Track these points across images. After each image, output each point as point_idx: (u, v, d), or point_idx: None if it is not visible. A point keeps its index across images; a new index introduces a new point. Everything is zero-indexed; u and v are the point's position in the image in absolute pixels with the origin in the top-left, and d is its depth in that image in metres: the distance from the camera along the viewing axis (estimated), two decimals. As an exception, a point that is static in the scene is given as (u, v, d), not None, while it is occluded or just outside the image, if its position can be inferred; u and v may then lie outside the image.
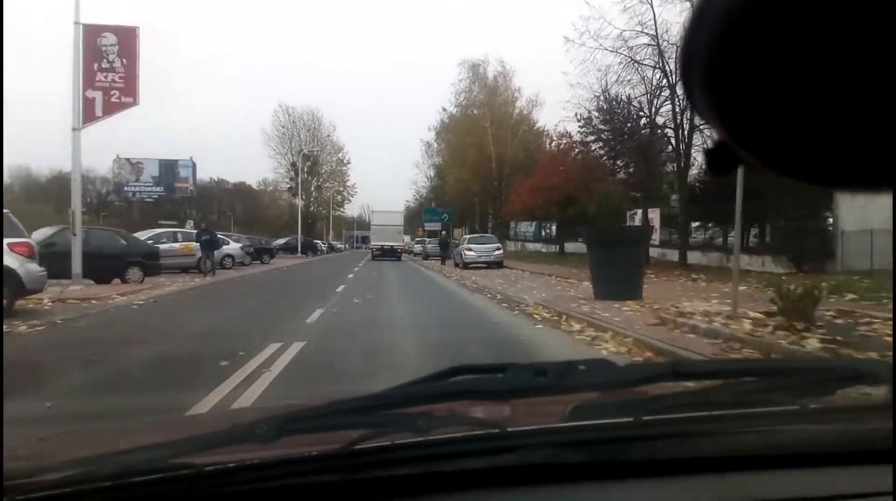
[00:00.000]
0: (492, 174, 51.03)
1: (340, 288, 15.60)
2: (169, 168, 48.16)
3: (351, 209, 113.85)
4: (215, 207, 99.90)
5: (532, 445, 0.94)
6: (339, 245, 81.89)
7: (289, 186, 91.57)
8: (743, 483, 0.93)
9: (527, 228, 47.33)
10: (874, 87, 0.35)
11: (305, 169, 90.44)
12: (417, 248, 51.81)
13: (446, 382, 1.01)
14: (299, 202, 54.25)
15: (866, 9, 0.34)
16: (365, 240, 72.15)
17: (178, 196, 49.36)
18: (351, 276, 21.26)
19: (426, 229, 58.08)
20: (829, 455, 0.97)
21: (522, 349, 6.94)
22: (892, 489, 0.78)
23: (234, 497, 0.88)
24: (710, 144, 0.47)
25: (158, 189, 47.84)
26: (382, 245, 39.99)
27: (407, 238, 67.80)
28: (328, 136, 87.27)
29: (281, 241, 50.85)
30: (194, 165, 48.89)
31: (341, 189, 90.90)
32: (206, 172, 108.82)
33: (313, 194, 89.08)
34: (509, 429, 1.00)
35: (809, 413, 1.04)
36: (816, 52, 0.35)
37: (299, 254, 46.90)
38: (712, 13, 0.37)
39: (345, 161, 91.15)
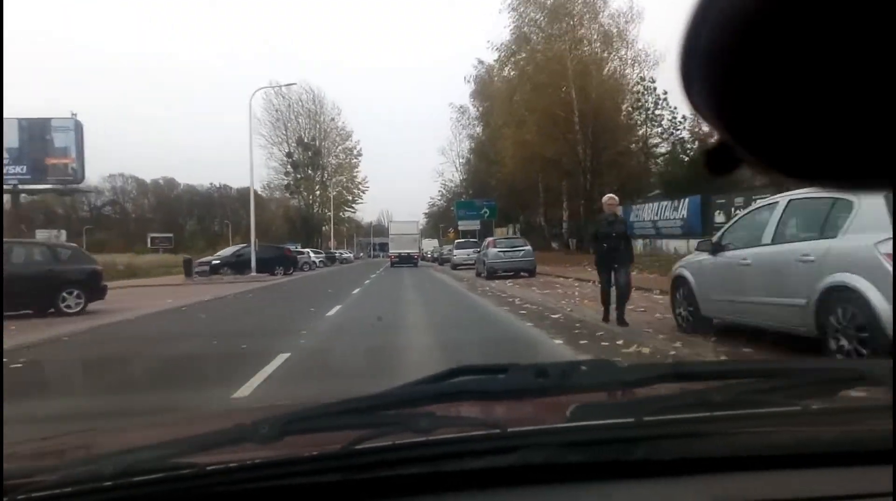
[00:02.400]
0: (573, 131, 30.74)
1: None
2: (36, 132, 28.46)
3: (369, 215, 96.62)
4: (218, 214, 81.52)
5: (533, 445, 0.93)
6: (346, 254, 62.66)
7: (286, 182, 71.74)
8: (744, 484, 0.92)
9: (664, 212, 24.92)
10: (874, 86, 0.35)
11: (306, 159, 71.12)
12: (460, 256, 30.64)
13: (447, 382, 1.01)
14: (251, 189, 32.67)
15: (866, 8, 0.33)
16: (383, 247, 67.61)
17: (54, 180, 29.77)
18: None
19: (460, 228, 43.80)
20: (830, 455, 0.97)
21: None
22: (892, 489, 0.78)
23: (235, 497, 0.87)
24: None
25: (19, 170, 28.40)
26: (400, 253, 40.86)
27: (434, 243, 57.34)
28: (332, 120, 68.45)
29: (228, 251, 31.28)
30: (79, 128, 29.07)
31: (350, 185, 71.33)
32: (208, 178, 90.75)
33: (316, 191, 69.59)
34: (510, 429, 0.99)
35: (810, 414, 1.04)
36: (816, 51, 0.35)
37: (253, 273, 27.08)
38: (712, 12, 0.37)
39: (354, 152, 71.73)
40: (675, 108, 28.29)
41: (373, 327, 9.36)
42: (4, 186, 27.96)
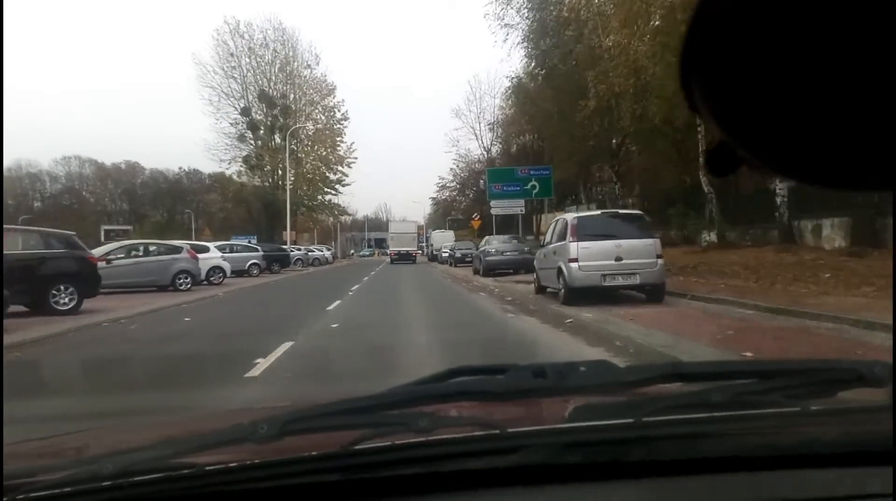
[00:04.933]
0: None
1: None
2: None
3: (365, 208, 78.29)
4: (189, 203, 73.28)
5: (532, 446, 0.93)
6: (320, 251, 44.38)
7: (245, 153, 51.65)
8: (743, 485, 0.93)
9: None
10: (874, 88, 0.35)
11: (269, 119, 51.25)
12: (589, 268, 10.65)
13: (447, 383, 1.02)
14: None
15: (865, 10, 0.34)
16: (379, 243, 67.01)
17: None
18: None
19: (493, 212, 29.95)
20: (830, 456, 0.97)
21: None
22: (892, 490, 0.78)
23: (234, 497, 0.88)
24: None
25: None
26: (399, 250, 43.98)
27: (449, 236, 44.68)
28: (308, 67, 48.91)
29: None
30: None
31: (331, 158, 51.48)
32: (176, 162, 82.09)
33: (283, 162, 49.67)
34: (509, 430, 0.99)
35: (810, 415, 1.04)
36: (816, 53, 0.36)
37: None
38: (712, 14, 0.37)
39: (338, 114, 51.54)
40: None
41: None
42: None
